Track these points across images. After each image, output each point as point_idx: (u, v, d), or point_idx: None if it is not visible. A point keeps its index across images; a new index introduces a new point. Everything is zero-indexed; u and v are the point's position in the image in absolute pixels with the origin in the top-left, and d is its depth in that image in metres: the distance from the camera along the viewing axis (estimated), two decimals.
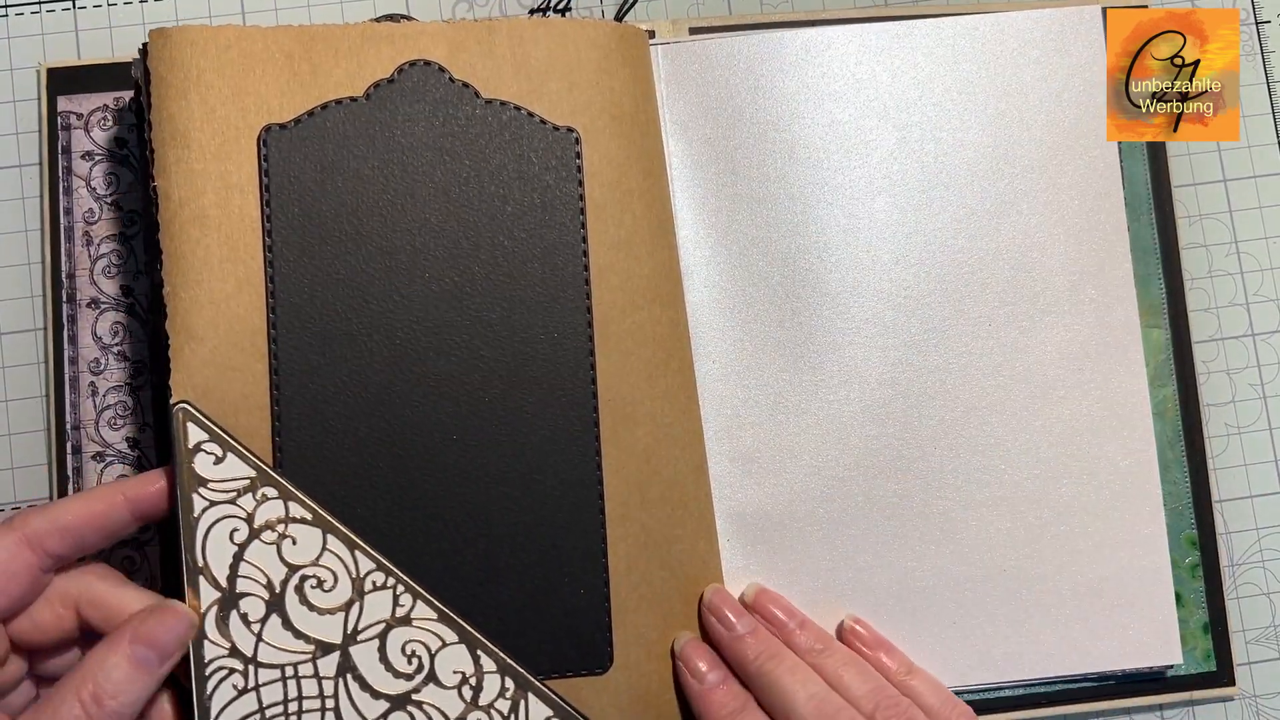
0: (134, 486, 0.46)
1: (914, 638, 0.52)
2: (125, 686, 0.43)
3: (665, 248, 0.51)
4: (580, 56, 0.50)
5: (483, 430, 0.49)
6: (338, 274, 0.49)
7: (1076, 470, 0.52)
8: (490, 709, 0.48)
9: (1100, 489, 0.52)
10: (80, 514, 0.45)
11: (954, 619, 0.53)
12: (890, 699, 0.47)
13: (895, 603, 0.53)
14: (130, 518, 0.46)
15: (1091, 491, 0.52)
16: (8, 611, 0.44)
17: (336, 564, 0.47)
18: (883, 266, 0.54)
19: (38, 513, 0.45)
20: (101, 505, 0.46)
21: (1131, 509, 0.53)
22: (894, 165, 0.54)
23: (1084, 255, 0.54)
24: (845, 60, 0.54)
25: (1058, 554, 0.53)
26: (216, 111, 0.48)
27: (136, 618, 0.44)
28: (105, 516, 0.46)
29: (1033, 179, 0.54)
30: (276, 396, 0.48)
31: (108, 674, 0.42)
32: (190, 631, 0.45)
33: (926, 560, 0.53)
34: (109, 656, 0.43)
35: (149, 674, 0.44)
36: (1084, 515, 0.53)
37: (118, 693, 0.42)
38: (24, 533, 0.44)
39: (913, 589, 0.53)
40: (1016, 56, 0.55)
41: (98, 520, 0.45)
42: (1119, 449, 0.54)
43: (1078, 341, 0.54)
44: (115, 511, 0.46)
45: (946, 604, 0.53)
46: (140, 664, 0.43)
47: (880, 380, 0.53)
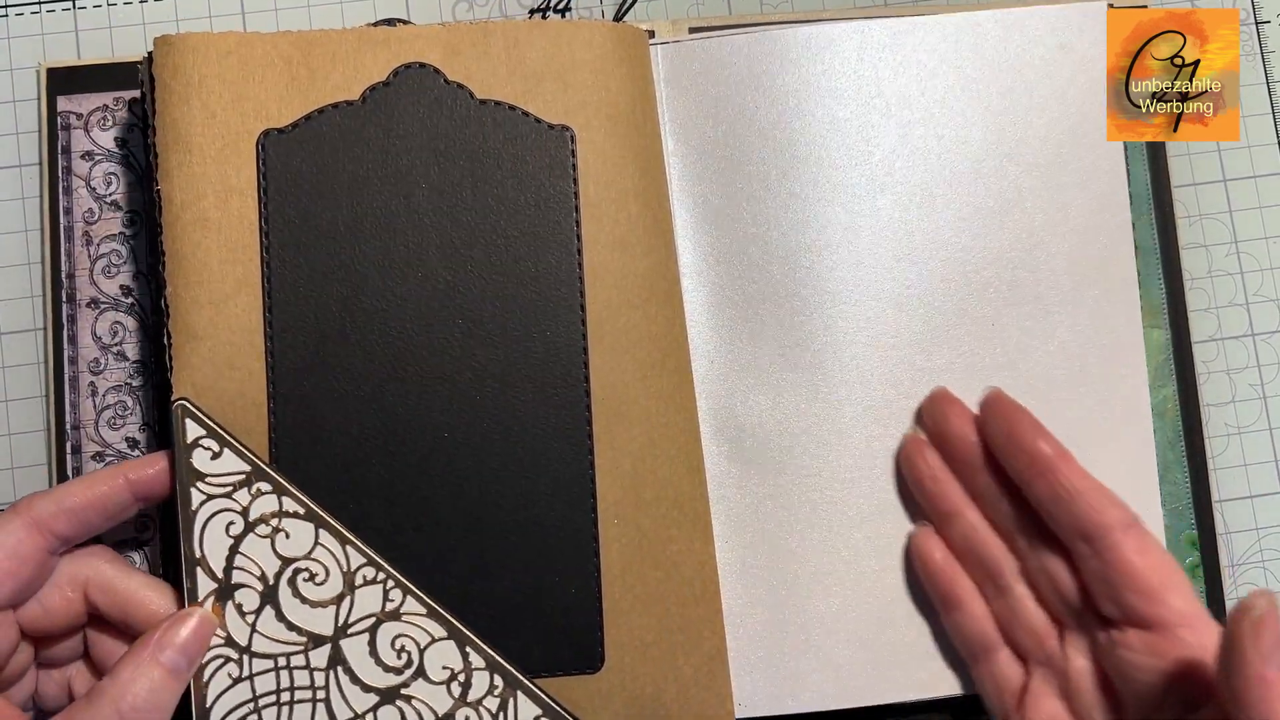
0: (136, 468, 0.47)
1: (916, 641, 0.52)
2: (161, 696, 0.44)
3: (662, 246, 0.51)
4: (576, 57, 0.51)
5: (475, 428, 0.49)
6: (334, 274, 0.49)
7: None
8: (479, 706, 0.48)
9: None
10: (84, 496, 0.46)
11: None
12: None
13: (899, 605, 0.52)
14: (132, 499, 0.47)
15: None
16: (19, 596, 0.45)
17: (328, 558, 0.48)
18: (884, 265, 0.53)
19: (42, 496, 0.46)
20: (104, 487, 0.46)
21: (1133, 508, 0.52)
22: (896, 163, 0.53)
23: (1087, 255, 0.54)
24: (847, 57, 0.54)
25: None
26: (217, 116, 0.49)
27: (163, 626, 0.45)
28: (108, 498, 0.46)
29: (1036, 177, 0.54)
30: (273, 394, 0.49)
31: (143, 684, 0.43)
32: (212, 636, 0.46)
33: None
34: (142, 666, 0.44)
35: (180, 681, 0.45)
36: None
37: (156, 703, 0.43)
38: (30, 516, 0.45)
39: (917, 591, 0.52)
40: (1020, 53, 0.54)
41: (101, 502, 0.46)
42: (1118, 450, 0.53)
43: (1079, 341, 0.53)
44: (118, 493, 0.47)
45: None
46: (173, 672, 0.44)
47: (882, 380, 0.53)
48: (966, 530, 0.50)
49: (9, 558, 0.44)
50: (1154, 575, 0.45)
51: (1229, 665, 0.38)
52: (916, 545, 0.51)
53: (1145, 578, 0.45)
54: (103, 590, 0.46)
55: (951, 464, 0.51)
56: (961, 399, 0.52)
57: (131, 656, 0.44)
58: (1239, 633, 0.38)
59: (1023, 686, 0.49)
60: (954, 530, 0.50)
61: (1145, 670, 0.44)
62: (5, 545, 0.44)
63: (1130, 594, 0.45)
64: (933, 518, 0.51)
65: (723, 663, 0.50)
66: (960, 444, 0.50)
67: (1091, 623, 0.47)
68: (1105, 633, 0.46)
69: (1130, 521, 0.46)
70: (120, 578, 0.47)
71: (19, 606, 0.45)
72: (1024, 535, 0.49)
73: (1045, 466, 0.47)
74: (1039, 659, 0.48)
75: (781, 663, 0.52)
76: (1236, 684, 0.38)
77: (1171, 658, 0.44)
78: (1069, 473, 0.47)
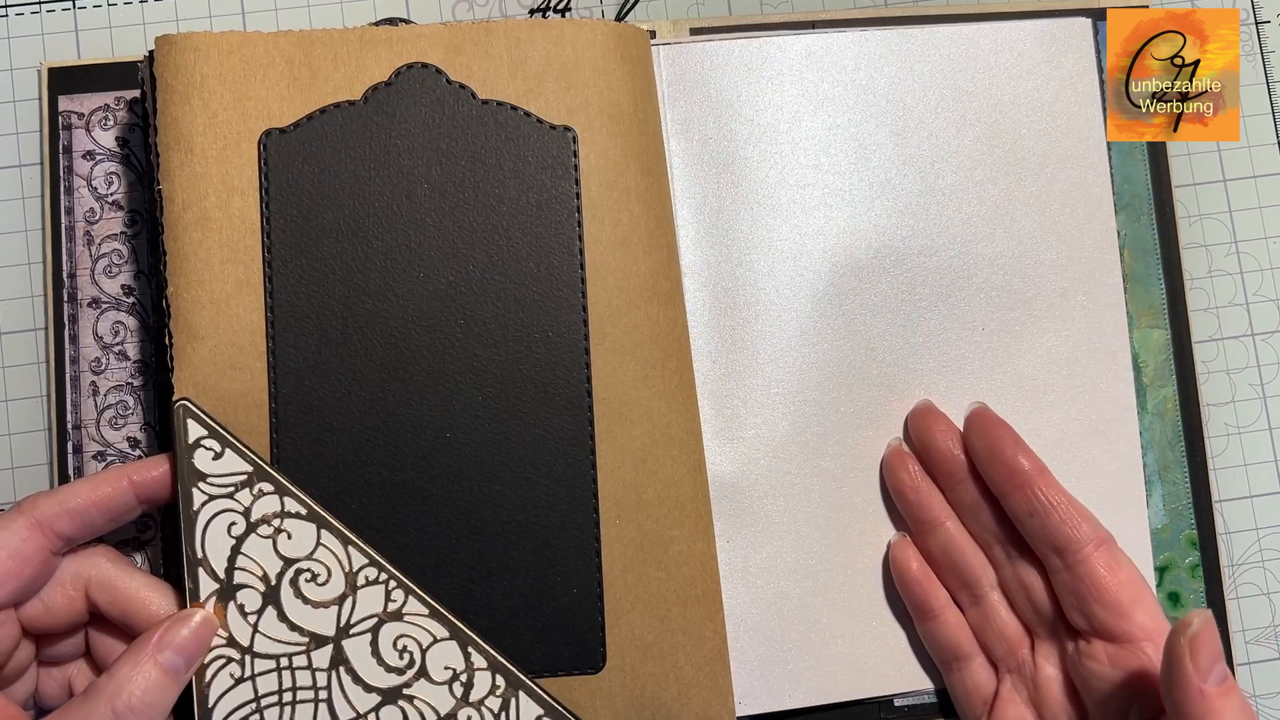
0: (139, 470, 0.47)
1: (905, 640, 0.53)
2: (157, 696, 0.43)
3: (664, 247, 0.51)
4: (578, 56, 0.51)
5: (477, 428, 0.49)
6: (335, 274, 0.49)
7: (1063, 474, 0.50)
8: (481, 706, 0.48)
9: (1086, 493, 0.51)
10: (88, 497, 0.46)
11: None
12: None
13: (896, 602, 0.53)
14: (135, 501, 0.47)
15: (1077, 495, 0.51)
16: (21, 594, 0.45)
17: (330, 558, 0.48)
18: (881, 270, 0.54)
19: (46, 496, 0.45)
20: (108, 488, 0.46)
21: (1116, 512, 0.53)
22: (892, 170, 0.54)
23: (1074, 262, 0.55)
24: (844, 66, 0.55)
25: None
26: (219, 116, 0.49)
27: (163, 626, 0.45)
28: (111, 499, 0.46)
29: (1026, 186, 0.55)
30: (274, 393, 0.48)
31: (139, 683, 0.43)
32: (212, 638, 0.46)
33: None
34: (139, 665, 0.44)
35: (177, 682, 0.44)
36: None
37: (151, 702, 0.43)
38: (33, 516, 0.45)
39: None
40: (1010, 66, 0.55)
41: (104, 503, 0.46)
42: (1105, 452, 0.54)
43: (1067, 347, 0.54)
44: (121, 495, 0.47)
45: None
46: (170, 672, 0.44)
47: (877, 382, 0.53)
48: (946, 540, 0.51)
49: (11, 557, 0.44)
50: (1123, 591, 0.47)
51: (1169, 681, 0.41)
52: (894, 555, 0.52)
53: (1114, 593, 0.46)
54: (104, 589, 0.46)
55: (933, 475, 0.52)
56: (951, 403, 0.53)
57: (130, 655, 0.44)
58: (1177, 650, 0.40)
59: (994, 693, 0.50)
60: (934, 539, 0.51)
61: (1109, 681, 0.46)
62: (8, 545, 0.44)
63: (1098, 607, 0.47)
64: (913, 527, 0.52)
65: (724, 663, 0.50)
66: (942, 456, 0.51)
67: (1061, 633, 0.49)
68: (1074, 643, 0.48)
69: (1103, 539, 0.48)
70: (121, 577, 0.47)
71: (21, 605, 0.45)
72: (1002, 546, 0.50)
73: (1023, 481, 0.48)
74: (1010, 667, 0.50)
75: (781, 660, 0.52)
76: (1177, 698, 0.40)
77: (1134, 670, 0.45)
78: (1046, 488, 0.48)
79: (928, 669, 0.53)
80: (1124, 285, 0.55)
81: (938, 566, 0.52)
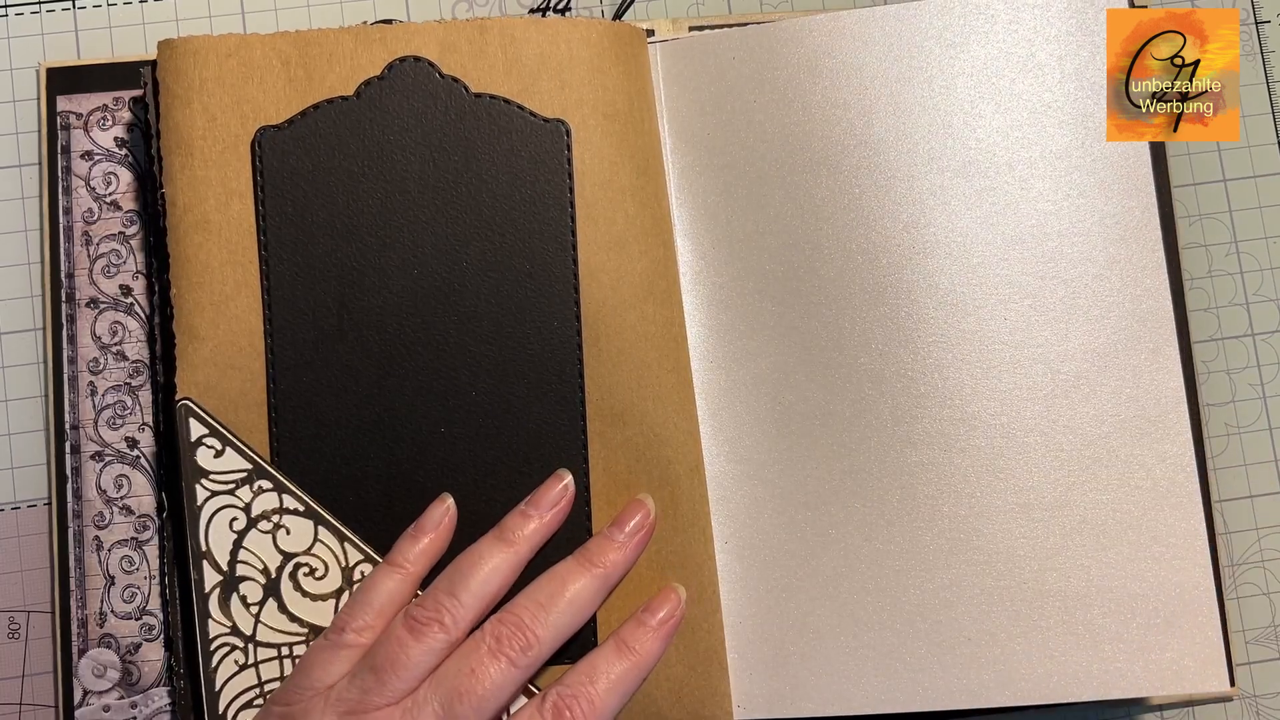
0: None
1: (925, 653, 0.50)
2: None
3: (660, 246, 0.51)
4: (572, 55, 0.51)
5: (470, 425, 0.49)
6: (330, 272, 0.49)
7: (1105, 475, 0.49)
8: None
9: (1132, 495, 0.49)
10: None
11: (969, 635, 0.50)
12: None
13: (904, 615, 0.51)
14: None
15: (1123, 498, 0.49)
16: None
17: (327, 554, 0.49)
18: (893, 263, 0.52)
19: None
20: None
21: (1168, 518, 0.50)
22: (902, 157, 0.52)
23: (1111, 243, 0.51)
24: (847, 47, 0.52)
25: (1085, 567, 0.50)
26: (218, 119, 0.50)
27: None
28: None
29: (1055, 163, 0.52)
30: (272, 391, 0.49)
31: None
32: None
33: (938, 571, 0.51)
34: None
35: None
36: (1114, 524, 0.50)
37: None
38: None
39: (926, 602, 0.51)
40: (1033, 34, 0.52)
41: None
42: (1151, 451, 0.50)
43: (1105, 335, 0.51)
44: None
45: (960, 619, 0.50)
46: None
47: (891, 379, 0.51)
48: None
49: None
50: None
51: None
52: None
53: None
54: None
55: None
56: (959, 402, 0.51)
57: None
58: None
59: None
60: None
61: None
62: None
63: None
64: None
65: (720, 663, 0.50)
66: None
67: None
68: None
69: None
70: None
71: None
72: None
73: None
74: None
75: (783, 667, 0.51)
76: None
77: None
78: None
79: (934, 687, 0.50)
80: None
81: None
